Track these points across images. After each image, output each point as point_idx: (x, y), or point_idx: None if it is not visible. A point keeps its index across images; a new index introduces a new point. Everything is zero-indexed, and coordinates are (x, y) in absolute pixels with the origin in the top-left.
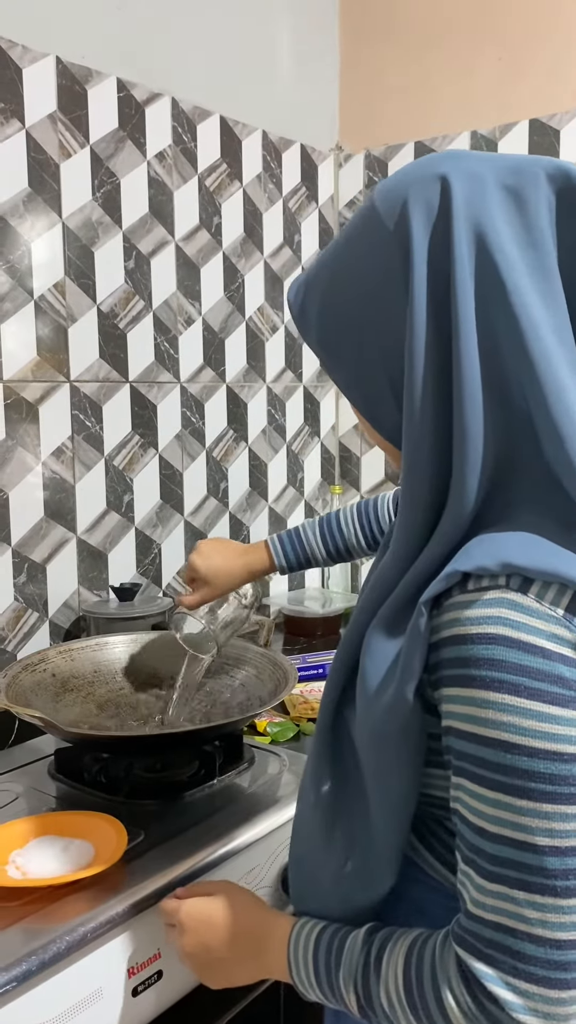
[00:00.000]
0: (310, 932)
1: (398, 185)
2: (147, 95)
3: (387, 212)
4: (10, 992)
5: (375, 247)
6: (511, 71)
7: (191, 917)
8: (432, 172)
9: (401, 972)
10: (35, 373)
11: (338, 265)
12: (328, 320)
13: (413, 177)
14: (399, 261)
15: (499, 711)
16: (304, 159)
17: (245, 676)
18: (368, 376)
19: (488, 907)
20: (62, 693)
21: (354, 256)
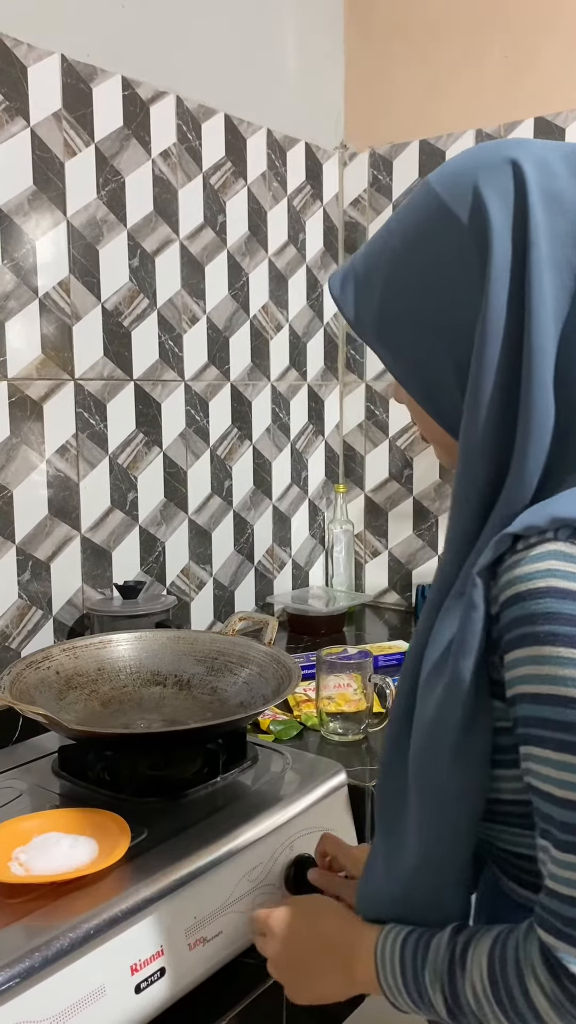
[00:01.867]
0: (396, 936)
1: (463, 172)
2: (152, 93)
3: (456, 199)
4: (13, 988)
5: (443, 234)
6: (517, 69)
7: (279, 923)
8: (500, 157)
9: (486, 966)
10: (39, 371)
11: (400, 254)
12: (392, 310)
13: (479, 163)
14: (474, 248)
15: (557, 665)
16: (309, 157)
17: (248, 674)
18: (433, 364)
19: (562, 879)
20: (66, 691)
21: (418, 244)
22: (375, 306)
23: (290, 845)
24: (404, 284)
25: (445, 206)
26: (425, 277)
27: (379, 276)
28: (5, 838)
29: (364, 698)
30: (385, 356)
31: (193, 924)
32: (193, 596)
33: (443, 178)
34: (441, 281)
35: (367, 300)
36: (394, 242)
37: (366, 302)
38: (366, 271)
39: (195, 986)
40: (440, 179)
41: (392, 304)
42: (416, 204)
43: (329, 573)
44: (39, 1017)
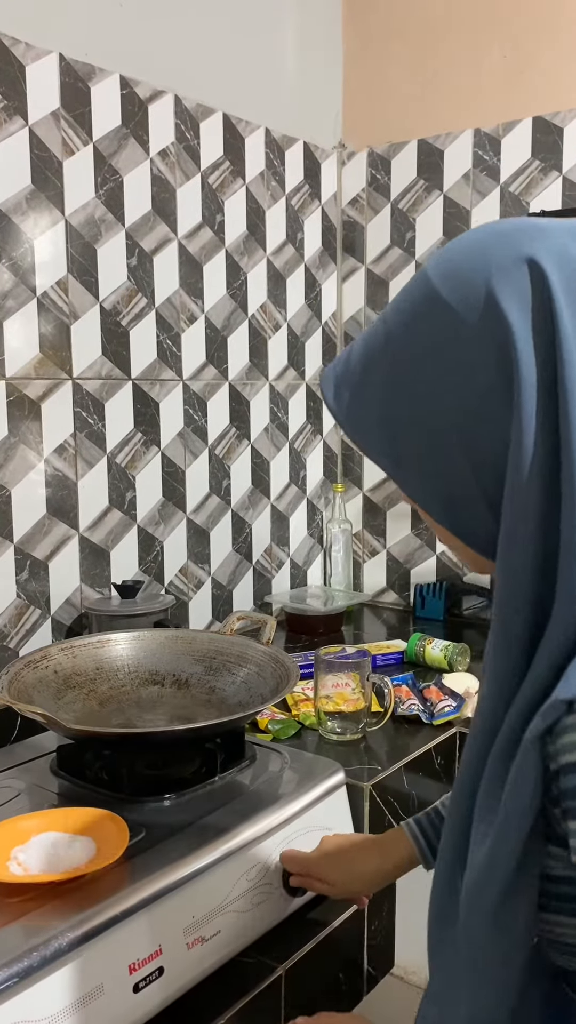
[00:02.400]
0: None
1: (472, 272)
2: (150, 92)
3: (466, 305)
4: (12, 988)
5: (456, 349)
6: (515, 69)
7: None
8: (514, 254)
9: None
10: (38, 370)
11: (406, 367)
12: (395, 429)
13: (491, 261)
14: (494, 364)
15: None
16: (307, 157)
17: (247, 673)
18: (454, 488)
19: None
20: (64, 690)
21: (425, 357)
22: (379, 422)
23: (288, 844)
24: (411, 400)
25: (454, 314)
26: (436, 394)
27: (380, 387)
28: (3, 838)
29: (362, 697)
30: (398, 477)
31: (191, 923)
32: (191, 595)
33: (449, 279)
34: (460, 400)
35: (367, 412)
36: (395, 348)
37: (367, 414)
38: (364, 380)
39: (193, 985)
40: (445, 279)
41: (396, 423)
42: (419, 307)
43: (327, 572)
44: (38, 1016)
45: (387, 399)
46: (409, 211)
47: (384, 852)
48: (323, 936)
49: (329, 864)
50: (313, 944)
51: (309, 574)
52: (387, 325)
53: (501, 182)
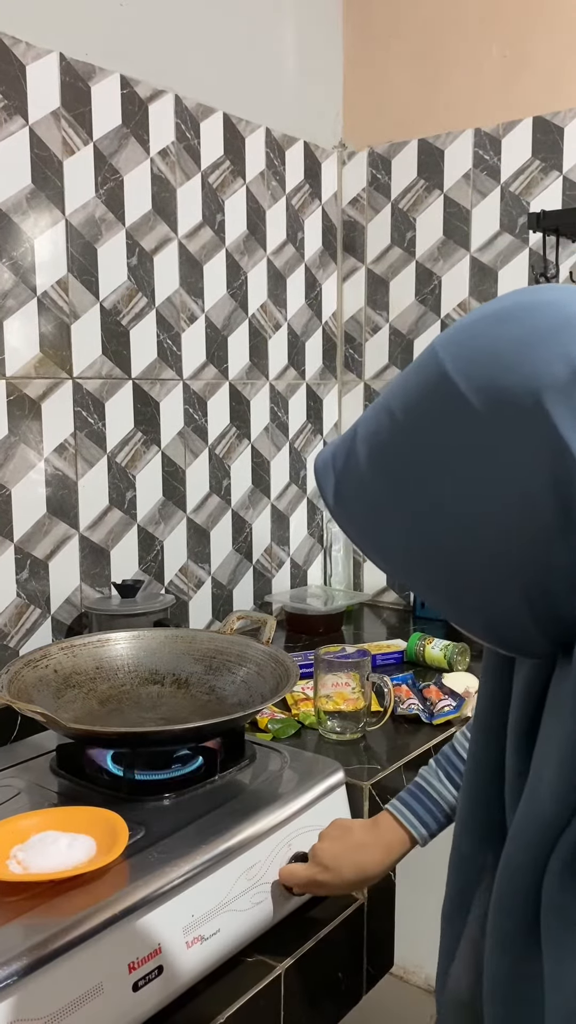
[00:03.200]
0: None
1: (516, 383)
2: (150, 92)
3: (514, 426)
4: (11, 986)
5: (505, 471)
6: (515, 68)
7: None
8: (563, 359)
9: None
10: (38, 370)
11: (438, 486)
12: (426, 556)
13: (540, 375)
14: (551, 499)
15: None
16: (307, 156)
17: (247, 673)
18: (500, 611)
19: None
20: (64, 689)
21: (467, 479)
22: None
23: (288, 843)
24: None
25: (498, 431)
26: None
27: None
28: (3, 836)
29: (362, 697)
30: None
31: (191, 922)
32: (191, 595)
33: (484, 389)
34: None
35: (387, 531)
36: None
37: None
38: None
39: (193, 984)
40: (480, 390)
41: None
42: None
43: (327, 572)
44: (37, 1015)
45: (413, 526)
46: (410, 211)
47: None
48: (322, 935)
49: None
50: (312, 943)
51: (309, 574)
52: (398, 424)
53: (501, 182)
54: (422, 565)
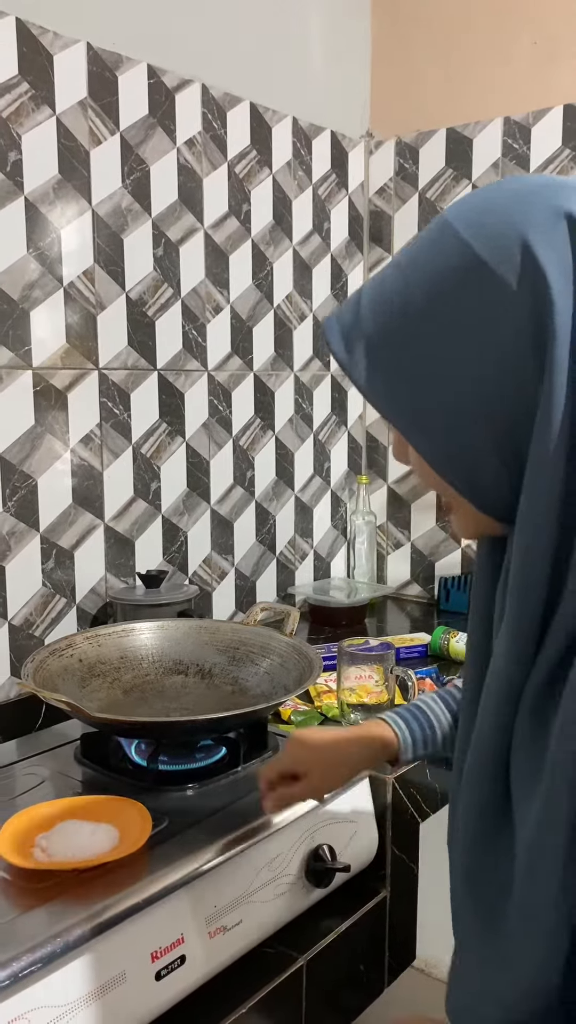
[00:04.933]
0: None
1: (505, 225)
2: (177, 81)
3: (500, 260)
4: (35, 974)
5: (489, 303)
6: (546, 55)
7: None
8: (550, 208)
9: None
10: (64, 360)
11: (429, 319)
12: (416, 389)
13: (526, 215)
14: (528, 322)
15: None
16: (334, 146)
17: (270, 664)
18: (472, 450)
19: None
20: (89, 678)
21: (454, 312)
22: (401, 380)
23: (310, 835)
24: (441, 370)
25: (486, 267)
26: (464, 349)
27: (404, 353)
28: (27, 824)
29: (385, 690)
30: (409, 433)
31: (213, 913)
32: (215, 586)
33: (481, 231)
34: (490, 366)
35: (386, 369)
36: (418, 302)
37: (385, 371)
38: (381, 334)
39: (215, 974)
40: (476, 231)
41: (424, 383)
42: (444, 257)
43: (351, 564)
44: (60, 1002)
45: (409, 358)
46: (437, 200)
47: (364, 743)
48: (345, 927)
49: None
50: (335, 935)
51: (332, 566)
52: (405, 275)
53: (531, 171)
54: (411, 401)
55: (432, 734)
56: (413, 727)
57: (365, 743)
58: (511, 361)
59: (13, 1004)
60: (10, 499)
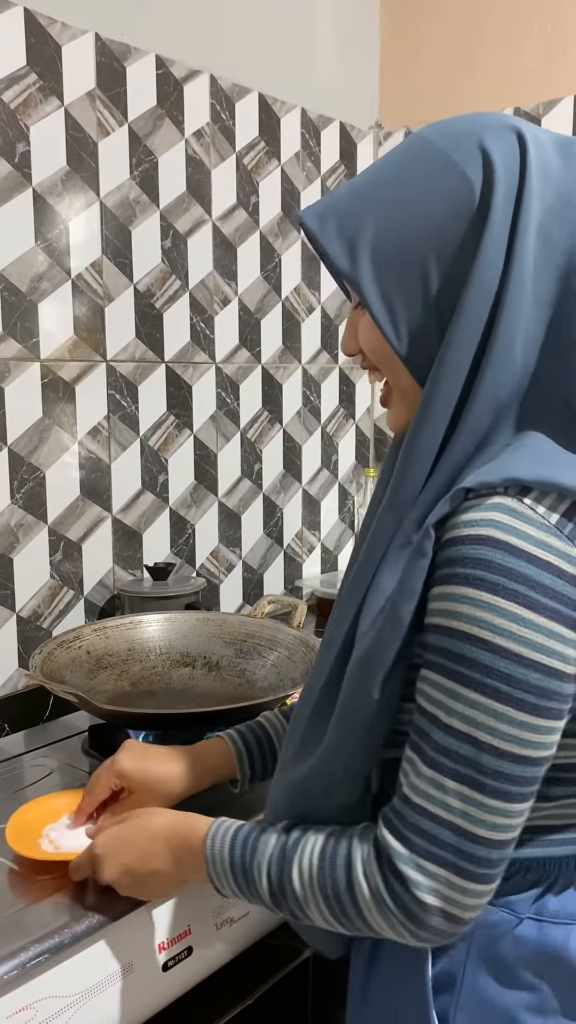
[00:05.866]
0: (228, 828)
1: (465, 131)
2: (186, 72)
3: (461, 155)
4: (42, 964)
5: (446, 186)
6: (558, 45)
7: (105, 845)
8: (503, 123)
9: (316, 856)
10: (72, 352)
11: (397, 202)
12: (386, 254)
13: (483, 125)
14: (475, 202)
15: (474, 607)
16: (343, 137)
17: (277, 657)
18: (419, 309)
19: (419, 791)
20: (96, 670)
21: (417, 194)
22: (365, 248)
23: None
24: (401, 231)
25: (449, 159)
26: (423, 225)
27: (370, 219)
28: (35, 816)
29: None
30: (368, 296)
31: (220, 905)
32: (222, 579)
33: (443, 134)
34: (440, 232)
35: (353, 241)
36: (388, 187)
37: (352, 243)
38: (354, 213)
39: (221, 966)
40: (440, 134)
41: (385, 249)
42: (413, 155)
43: None
44: (68, 992)
45: (378, 233)
46: None
47: (197, 755)
48: None
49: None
50: None
51: (340, 559)
52: (377, 174)
53: None
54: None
55: (270, 746)
56: (248, 739)
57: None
58: (458, 233)
59: (21, 994)
60: (18, 491)
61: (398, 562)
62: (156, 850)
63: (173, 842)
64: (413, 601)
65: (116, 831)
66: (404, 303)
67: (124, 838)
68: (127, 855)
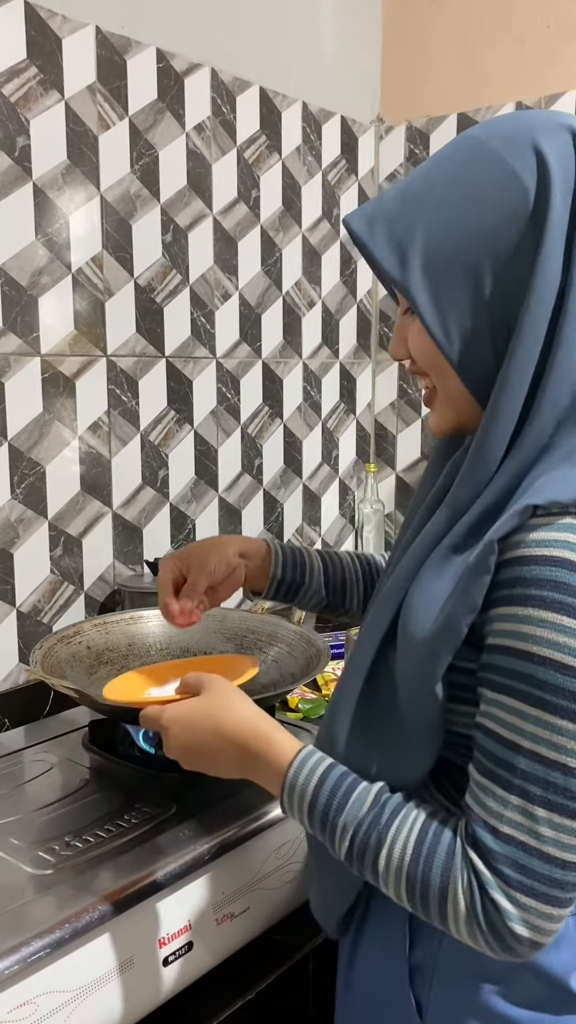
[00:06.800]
0: (316, 764)
1: (519, 131)
2: (186, 66)
3: (516, 156)
4: (43, 959)
5: (501, 190)
6: (560, 39)
7: (174, 720)
8: (557, 122)
9: (412, 846)
10: (72, 347)
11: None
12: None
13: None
14: (531, 206)
15: (555, 631)
16: (344, 131)
17: (278, 652)
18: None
19: (506, 819)
20: (97, 665)
21: (471, 197)
22: (417, 253)
23: None
24: (453, 235)
25: (503, 161)
26: (477, 229)
27: (421, 223)
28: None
29: None
30: (421, 302)
31: (221, 900)
32: None
33: (497, 135)
34: (494, 236)
35: (404, 245)
36: (440, 191)
37: (403, 247)
38: (404, 216)
39: (222, 961)
40: (493, 135)
41: (438, 254)
42: (465, 157)
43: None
44: (69, 987)
45: (430, 237)
46: None
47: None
48: None
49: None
50: None
51: None
52: (428, 174)
53: None
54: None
55: (303, 561)
56: (287, 550)
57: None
58: (514, 238)
59: (22, 989)
60: (18, 486)
61: (446, 567)
62: (222, 748)
63: (247, 753)
64: (473, 616)
65: (188, 711)
66: (456, 309)
67: (193, 722)
68: (191, 739)
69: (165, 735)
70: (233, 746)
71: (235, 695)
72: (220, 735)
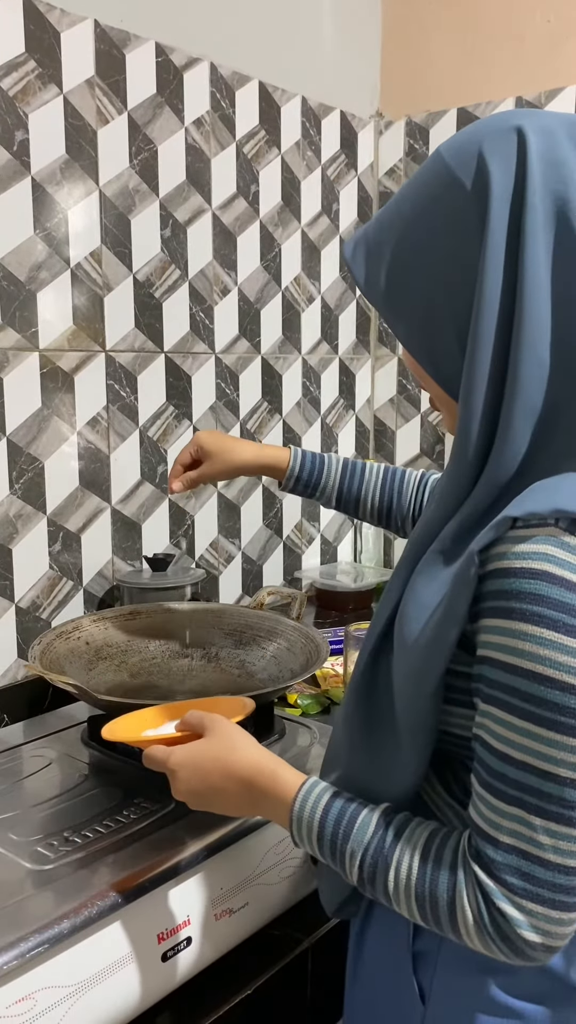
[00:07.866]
0: (320, 795)
1: (469, 139)
2: (185, 60)
3: (461, 165)
4: (41, 954)
5: (447, 200)
6: (560, 34)
7: (181, 765)
8: (506, 124)
9: (418, 864)
10: (71, 342)
11: (408, 220)
12: (398, 275)
13: (486, 130)
14: (474, 212)
15: (537, 644)
16: (344, 126)
17: (277, 648)
18: (436, 328)
19: (504, 829)
20: (95, 661)
21: (424, 212)
22: (383, 271)
23: None
24: (410, 250)
25: (451, 172)
26: (429, 243)
27: (388, 241)
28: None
29: None
30: (391, 320)
31: (219, 895)
32: (222, 570)
33: (451, 146)
34: (444, 246)
35: (376, 265)
36: (404, 208)
37: (375, 267)
38: (377, 236)
39: (220, 956)
40: (448, 147)
41: (398, 269)
42: (425, 172)
43: (358, 549)
44: (67, 982)
45: (392, 254)
46: None
47: (262, 447)
48: None
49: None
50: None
51: (339, 550)
52: (401, 191)
53: None
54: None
55: (321, 466)
56: (307, 453)
57: (262, 447)
58: (461, 246)
59: (21, 984)
60: (17, 482)
61: (437, 572)
62: (230, 788)
63: (253, 792)
64: (459, 626)
65: (194, 754)
66: (420, 321)
67: (199, 764)
68: (199, 783)
69: (173, 778)
70: (240, 785)
71: (238, 734)
72: (227, 776)
